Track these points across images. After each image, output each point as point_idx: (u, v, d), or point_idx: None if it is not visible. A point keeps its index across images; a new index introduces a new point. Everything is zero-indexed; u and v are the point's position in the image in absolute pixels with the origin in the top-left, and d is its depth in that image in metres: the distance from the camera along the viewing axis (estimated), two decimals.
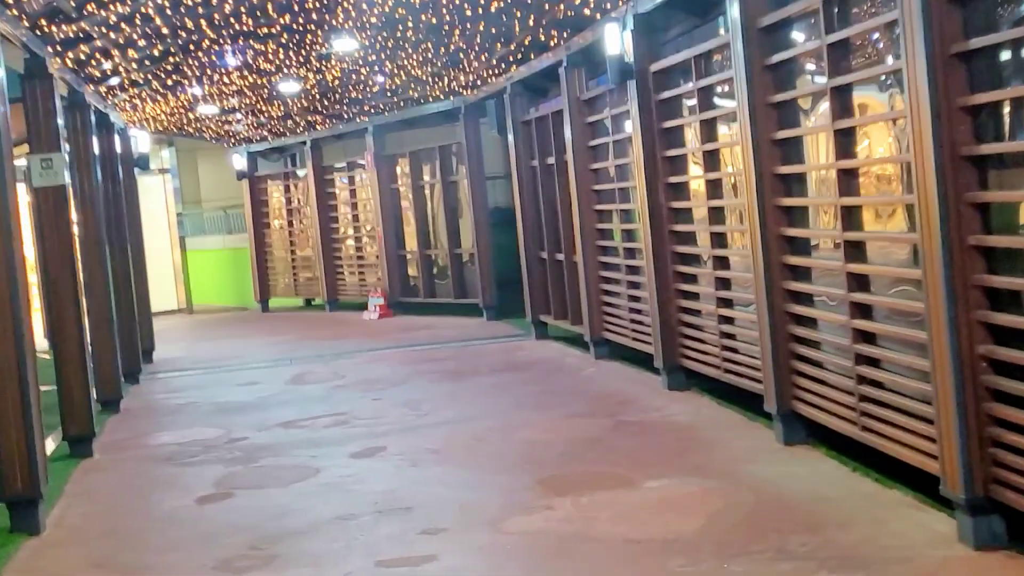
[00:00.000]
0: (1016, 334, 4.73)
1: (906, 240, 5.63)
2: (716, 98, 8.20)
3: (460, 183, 16.68)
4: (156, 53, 12.61)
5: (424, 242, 17.81)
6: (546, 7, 11.62)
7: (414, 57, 15.27)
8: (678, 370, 9.24)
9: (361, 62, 15.38)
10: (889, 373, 5.93)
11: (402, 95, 18.09)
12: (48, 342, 9.14)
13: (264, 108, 18.70)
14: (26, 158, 8.60)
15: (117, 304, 11.48)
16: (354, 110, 19.24)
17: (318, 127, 20.27)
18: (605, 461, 7.24)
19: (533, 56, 13.26)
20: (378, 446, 8.23)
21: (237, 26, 12.11)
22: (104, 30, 10.43)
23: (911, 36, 4.92)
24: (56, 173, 8.39)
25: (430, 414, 9.40)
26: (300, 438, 8.88)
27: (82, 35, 10.25)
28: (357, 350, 13.98)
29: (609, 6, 10.04)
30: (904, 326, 5.72)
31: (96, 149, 11.08)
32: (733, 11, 7.05)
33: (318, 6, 12.22)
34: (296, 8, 12.04)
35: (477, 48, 14.61)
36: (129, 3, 10.00)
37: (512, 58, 14.60)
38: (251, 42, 13.26)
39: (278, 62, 14.62)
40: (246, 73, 15.14)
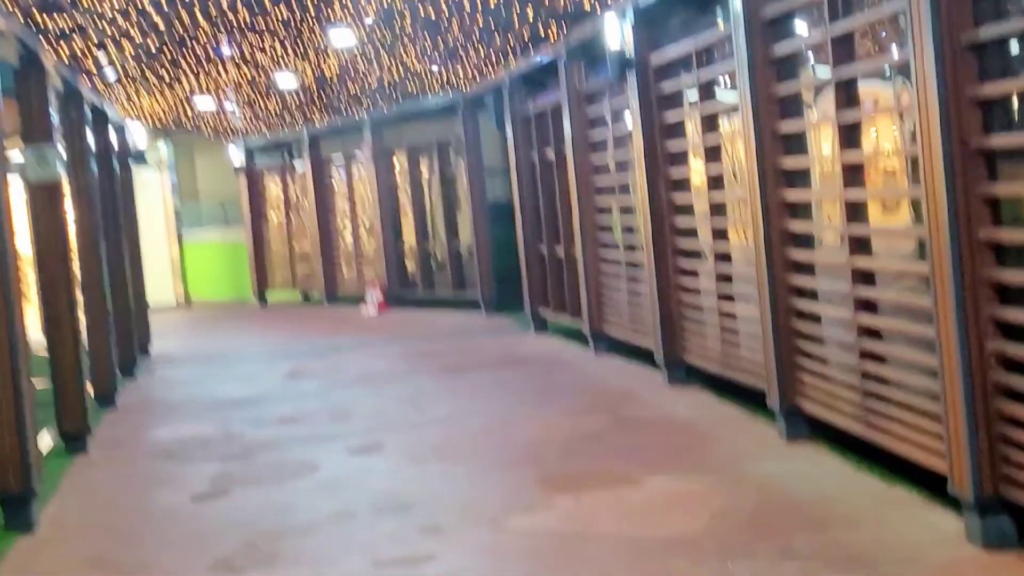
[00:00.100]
0: None
1: (913, 235, 5.55)
2: (718, 91, 8.12)
3: (458, 177, 16.58)
4: (152, 47, 12.52)
5: (422, 236, 17.73)
6: (545, 1, 11.56)
7: (412, 51, 15.20)
8: (679, 365, 9.16)
9: (359, 56, 15.31)
10: (895, 369, 5.85)
11: (400, 89, 18.03)
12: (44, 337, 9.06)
13: (261, 102, 18.64)
14: (20, 151, 8.52)
15: (113, 298, 11.39)
16: (352, 104, 19.18)
17: (316, 121, 20.21)
18: (606, 458, 7.16)
19: (532, 49, 13.19)
20: (376, 442, 8.15)
21: (233, 19, 12.03)
22: (99, 23, 10.35)
23: (919, 26, 4.83)
24: (51, 167, 8.31)
25: (429, 410, 9.32)
26: (298, 434, 8.80)
27: (77, 28, 10.17)
28: (355, 345, 13.90)
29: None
30: (911, 322, 5.64)
31: (91, 143, 11.00)
32: (735, 2, 6.96)
33: (316, 1, 12.15)
34: (293, 2, 11.97)
35: (476, 42, 14.54)
36: None
37: (511, 51, 14.53)
38: (247, 36, 13.18)
39: (275, 56, 14.54)
40: (243, 67, 15.06)
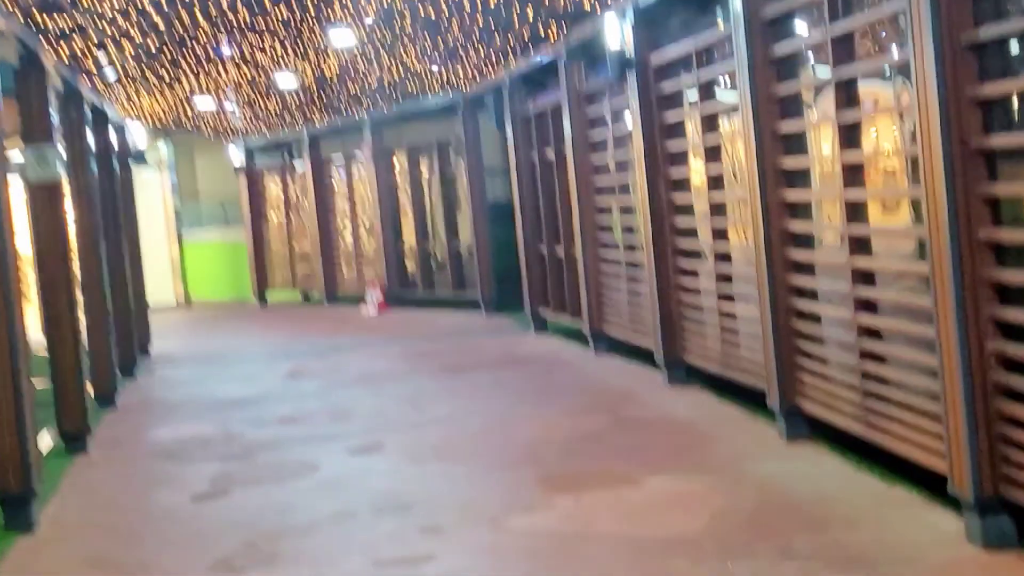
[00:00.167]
0: None
1: (913, 235, 5.54)
2: (718, 91, 8.11)
3: (458, 177, 16.58)
4: (152, 47, 12.52)
5: (422, 236, 17.72)
6: (545, 1, 11.55)
7: (412, 51, 15.19)
8: (679, 365, 9.15)
9: (359, 56, 15.30)
10: (895, 369, 5.84)
11: (400, 89, 18.02)
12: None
13: (261, 102, 18.64)
14: (20, 151, 8.51)
15: (113, 298, 11.38)
16: (352, 104, 19.18)
17: (316, 121, 20.21)
18: (606, 458, 7.16)
19: (532, 49, 13.18)
20: (376, 442, 8.14)
21: (233, 19, 12.03)
22: (99, 23, 10.35)
23: (919, 25, 4.82)
24: (50, 167, 8.31)
25: (429, 410, 9.31)
26: (298, 434, 8.80)
27: (77, 28, 10.16)
28: (355, 345, 13.89)
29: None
30: (911, 322, 5.64)
31: (91, 143, 10.99)
32: (735, 2, 6.95)
33: (316, 1, 12.15)
34: (293, 2, 11.96)
35: (476, 42, 14.54)
36: None
37: (511, 51, 14.52)
38: (247, 36, 13.18)
39: (275, 56, 14.54)
40: (243, 67, 15.06)
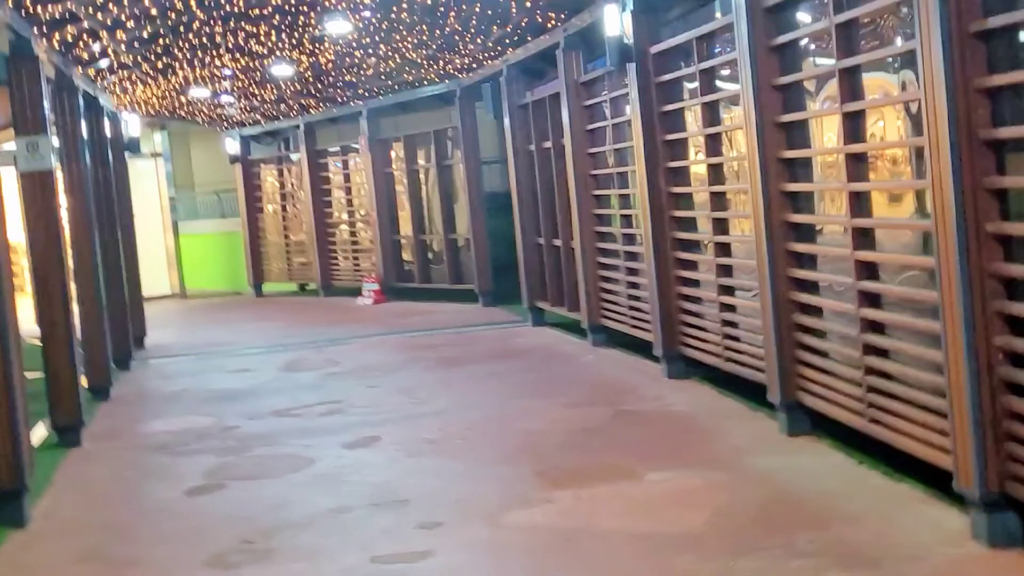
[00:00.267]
0: None
1: (919, 227, 5.46)
2: (719, 81, 8.02)
3: (455, 167, 16.49)
4: (145, 35, 12.41)
5: (419, 227, 17.63)
6: None
7: (409, 39, 15.08)
8: (678, 358, 9.08)
9: (355, 45, 15.19)
10: (899, 364, 5.76)
11: (396, 78, 17.91)
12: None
13: (257, 91, 18.51)
14: (13, 142, 8.43)
15: (107, 289, 11.30)
16: (348, 93, 19.06)
17: (312, 111, 20.09)
18: (605, 452, 7.08)
19: (530, 38, 13.08)
20: (373, 436, 8.08)
21: (228, 7, 11.92)
22: (92, 11, 10.24)
23: (926, 14, 4.74)
24: (43, 157, 8.21)
25: (426, 403, 9.24)
26: (294, 427, 8.73)
27: (69, 16, 10.05)
28: (351, 336, 13.82)
29: None
30: (915, 315, 5.56)
31: (85, 133, 10.90)
32: None
33: None
34: None
35: (473, 30, 14.43)
36: None
37: (508, 40, 14.42)
38: (243, 24, 13.07)
39: (270, 44, 14.43)
40: (238, 56, 14.94)
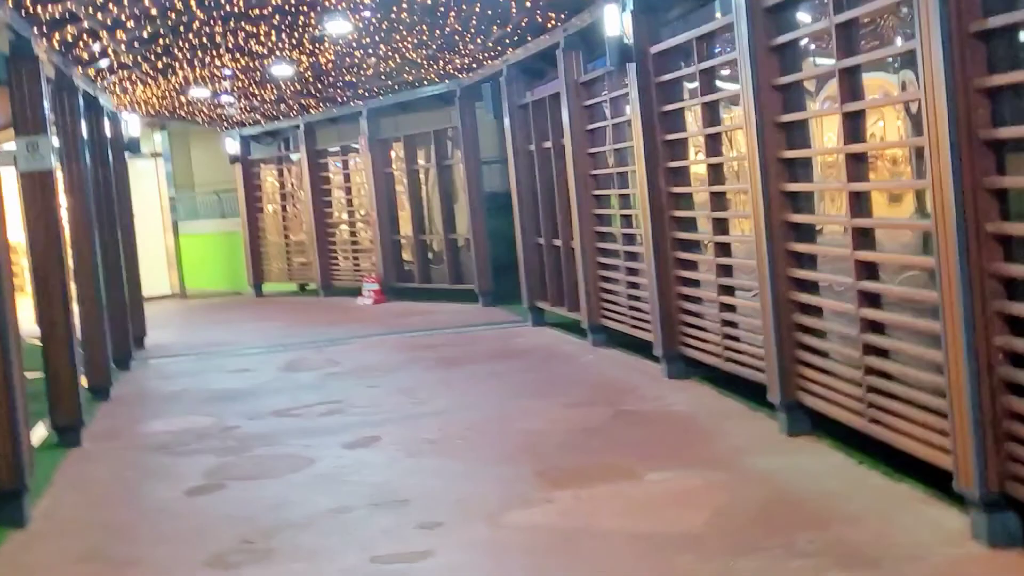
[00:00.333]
0: None
1: (919, 227, 5.46)
2: (719, 81, 8.02)
3: (455, 167, 16.49)
4: (145, 35, 12.41)
5: (419, 227, 17.62)
6: None
7: (409, 39, 15.08)
8: (678, 358, 9.08)
9: (355, 45, 15.19)
10: (899, 364, 5.76)
11: (396, 78, 17.90)
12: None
13: (257, 91, 18.51)
14: (13, 142, 8.42)
15: (107, 289, 11.30)
16: (348, 93, 19.06)
17: (312, 111, 20.09)
18: (605, 452, 7.08)
19: (530, 38, 13.08)
20: (373, 436, 8.08)
21: (228, 7, 11.92)
22: (92, 11, 10.23)
23: (926, 14, 4.74)
24: (43, 157, 8.21)
25: (426, 403, 9.24)
26: (294, 427, 8.72)
27: (69, 16, 10.05)
28: (351, 336, 13.82)
29: None
30: (915, 315, 5.56)
31: (85, 132, 10.89)
32: None
33: None
34: None
35: (473, 30, 14.43)
36: None
37: (508, 40, 14.42)
38: (243, 24, 13.06)
39: (270, 44, 14.43)
40: (238, 56, 14.94)
